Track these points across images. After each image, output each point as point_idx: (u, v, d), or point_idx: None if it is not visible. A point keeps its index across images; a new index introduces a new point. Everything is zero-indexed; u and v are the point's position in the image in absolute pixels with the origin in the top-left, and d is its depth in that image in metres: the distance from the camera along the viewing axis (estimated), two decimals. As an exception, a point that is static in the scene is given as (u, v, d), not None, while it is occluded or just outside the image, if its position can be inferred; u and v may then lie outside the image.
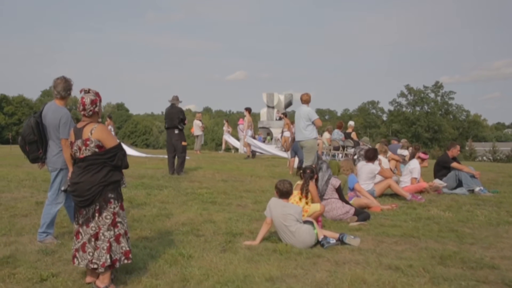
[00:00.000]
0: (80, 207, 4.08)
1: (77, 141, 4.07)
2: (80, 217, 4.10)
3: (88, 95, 4.13)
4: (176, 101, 11.07)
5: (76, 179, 4.05)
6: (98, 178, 4.00)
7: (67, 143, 5.16)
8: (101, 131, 4.05)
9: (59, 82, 5.41)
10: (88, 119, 4.15)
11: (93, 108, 4.14)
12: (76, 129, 4.15)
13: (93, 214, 4.04)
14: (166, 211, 7.10)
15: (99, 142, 4.01)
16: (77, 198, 4.06)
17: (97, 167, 4.03)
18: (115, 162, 4.08)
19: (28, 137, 5.41)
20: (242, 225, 6.35)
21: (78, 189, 4.01)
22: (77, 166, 4.13)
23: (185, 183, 9.83)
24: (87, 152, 4.01)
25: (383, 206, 7.75)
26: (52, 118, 5.33)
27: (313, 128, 9.25)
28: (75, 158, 4.18)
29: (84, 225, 4.05)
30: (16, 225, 6.15)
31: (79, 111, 4.17)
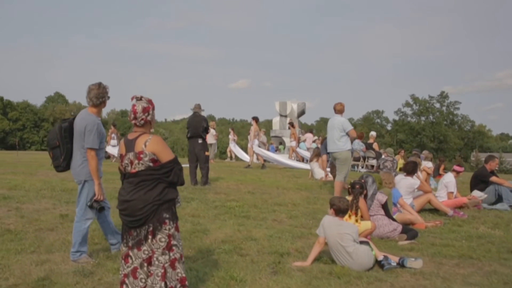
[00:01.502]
0: (130, 227, 3.65)
1: (128, 154, 3.64)
2: (130, 239, 3.65)
3: (140, 103, 3.71)
4: (198, 109, 10.67)
5: (127, 197, 3.62)
6: (152, 196, 3.57)
7: (92, 153, 4.80)
8: (157, 143, 3.61)
9: (92, 88, 5.00)
10: (140, 129, 3.72)
11: (145, 116, 3.70)
12: (127, 141, 3.72)
13: (145, 236, 3.61)
14: (201, 226, 6.67)
15: (154, 156, 3.58)
16: (127, 218, 3.63)
17: (151, 184, 3.59)
18: (171, 178, 3.63)
19: (51, 142, 5.08)
20: (286, 243, 5.92)
21: (129, 208, 3.59)
22: (127, 182, 3.69)
23: (211, 195, 9.41)
24: (140, 167, 3.59)
25: (427, 223, 7.32)
26: (79, 125, 4.95)
27: (347, 139, 8.83)
28: (125, 172, 3.75)
29: (134, 248, 3.62)
30: (44, 241, 5.73)
31: (130, 120, 3.73)
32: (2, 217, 6.98)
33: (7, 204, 7.91)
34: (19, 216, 7.06)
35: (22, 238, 5.84)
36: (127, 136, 3.76)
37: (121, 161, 3.71)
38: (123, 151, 3.70)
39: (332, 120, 9.00)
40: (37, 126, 74.61)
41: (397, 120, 75.34)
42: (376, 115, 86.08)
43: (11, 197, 8.51)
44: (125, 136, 3.82)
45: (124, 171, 3.72)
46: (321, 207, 8.48)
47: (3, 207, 7.70)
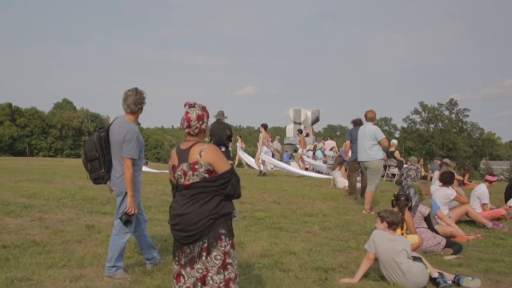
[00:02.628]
0: (183, 244, 3.40)
1: (181, 164, 3.40)
2: (183, 257, 3.41)
3: (194, 110, 3.50)
4: (222, 116, 10.41)
5: (180, 210, 3.39)
6: (207, 210, 3.33)
7: (128, 163, 4.52)
8: (213, 153, 3.39)
9: (129, 95, 4.71)
10: (194, 139, 3.50)
11: (200, 125, 3.49)
12: (180, 151, 3.49)
13: (199, 253, 3.35)
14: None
15: (209, 166, 3.34)
16: (180, 233, 3.39)
17: (206, 196, 3.35)
18: (227, 190, 3.39)
19: (89, 154, 4.74)
20: (327, 257, 5.62)
21: (183, 222, 3.36)
22: (180, 195, 3.44)
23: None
24: (195, 178, 3.35)
25: (468, 236, 6.99)
26: (118, 133, 4.65)
27: (379, 148, 8.53)
28: (177, 184, 3.49)
29: (187, 266, 3.37)
30: (74, 254, 5.45)
31: (183, 129, 3.53)
32: (26, 228, 6.72)
33: (29, 214, 7.64)
34: (43, 226, 6.79)
35: (50, 251, 5.57)
36: (180, 145, 3.54)
37: (173, 172, 3.47)
38: (175, 161, 3.47)
39: (363, 128, 8.71)
40: (45, 133, 74.58)
41: (405, 128, 74.80)
42: (384, 122, 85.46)
43: (31, 206, 8.25)
44: (177, 146, 3.59)
45: (177, 183, 3.48)
46: (352, 217, 8.17)
47: (25, 217, 7.44)
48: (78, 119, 76.90)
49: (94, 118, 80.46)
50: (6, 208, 7.94)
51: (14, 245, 5.70)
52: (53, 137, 74.48)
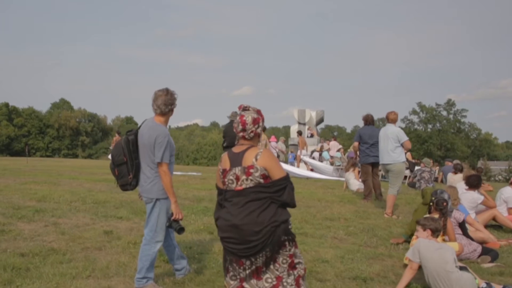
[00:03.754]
0: (241, 256, 3.18)
1: (234, 169, 3.22)
2: (241, 270, 3.22)
3: (249, 113, 3.35)
4: (235, 117, 10.07)
5: (236, 221, 3.14)
6: (267, 218, 3.11)
7: (164, 168, 4.24)
8: (269, 158, 3.21)
9: (160, 95, 4.43)
10: (248, 142, 3.34)
11: (255, 129, 3.33)
12: (233, 154, 3.32)
13: (265, 263, 3.19)
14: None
15: (265, 171, 3.16)
16: (238, 246, 3.16)
17: (263, 204, 3.14)
18: (284, 197, 3.18)
19: (117, 158, 4.45)
20: (362, 265, 5.38)
21: (241, 234, 3.12)
22: (232, 204, 3.21)
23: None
24: (249, 183, 3.16)
25: (501, 241, 6.76)
26: (148, 136, 4.35)
27: (401, 151, 8.29)
28: (227, 190, 3.27)
29: (251, 279, 3.20)
30: (97, 263, 5.17)
31: (237, 132, 3.37)
32: (41, 234, 6.45)
33: (42, 218, 7.37)
34: (59, 232, 6.52)
35: (72, 259, 5.29)
36: (232, 149, 3.38)
37: (223, 176, 3.29)
38: (226, 165, 3.29)
39: (385, 130, 8.46)
40: (42, 133, 74.16)
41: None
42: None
43: (43, 210, 7.97)
44: (229, 149, 3.38)
45: (226, 188, 3.28)
46: (375, 222, 7.93)
47: (39, 222, 7.17)
48: (76, 119, 76.46)
49: (91, 118, 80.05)
50: (18, 213, 7.67)
51: (33, 253, 5.43)
52: (51, 137, 74.07)
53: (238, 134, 3.34)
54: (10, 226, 6.75)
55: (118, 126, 78.05)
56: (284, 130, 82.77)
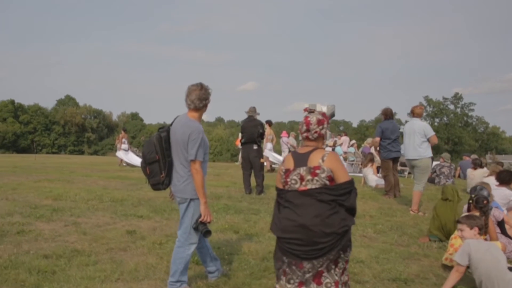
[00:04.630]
0: (304, 258, 3.07)
1: (299, 168, 3.17)
2: (300, 273, 3.09)
3: (314, 114, 3.35)
4: (254, 113, 9.90)
5: (304, 221, 3.06)
6: (337, 221, 3.06)
7: (196, 166, 4.03)
8: (335, 160, 3.17)
9: (193, 89, 4.22)
10: (313, 144, 3.32)
11: (319, 129, 3.31)
12: (297, 155, 3.28)
13: (328, 267, 3.09)
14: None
15: (331, 173, 3.11)
16: (303, 248, 3.06)
17: (333, 207, 3.08)
18: (350, 202, 3.13)
19: (149, 156, 4.23)
20: (399, 266, 5.17)
21: (309, 235, 3.03)
22: (295, 204, 3.13)
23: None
24: (314, 184, 3.10)
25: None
26: (181, 133, 4.13)
27: (428, 146, 8.05)
28: (288, 190, 3.20)
29: (310, 283, 3.07)
30: (124, 265, 4.97)
31: (301, 133, 3.35)
32: (62, 234, 6.27)
33: (61, 218, 7.19)
34: (80, 232, 6.33)
35: (97, 261, 5.10)
36: (297, 150, 3.38)
37: (286, 176, 3.22)
38: (290, 165, 3.24)
39: (411, 125, 8.22)
40: (48, 129, 74.16)
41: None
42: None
43: (61, 209, 7.80)
44: (294, 150, 3.29)
45: (288, 188, 3.21)
46: (402, 219, 7.70)
47: (58, 221, 6.99)
48: (81, 116, 76.39)
49: (97, 114, 79.99)
50: (35, 212, 7.50)
51: (56, 255, 5.25)
52: (56, 134, 74.08)
53: (302, 134, 3.32)
54: (30, 226, 6.58)
55: (124, 123, 78.02)
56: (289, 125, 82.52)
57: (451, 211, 6.33)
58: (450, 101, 71.68)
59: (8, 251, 5.38)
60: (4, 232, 6.24)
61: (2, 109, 70.52)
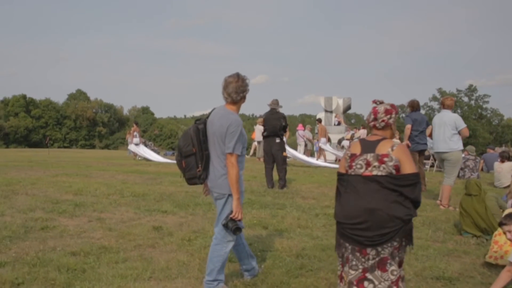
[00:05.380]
0: (366, 245, 3.05)
1: (366, 154, 3.18)
2: (364, 259, 3.07)
3: (382, 105, 3.34)
4: (276, 105, 9.67)
5: (372, 205, 3.03)
6: (401, 208, 3.04)
7: (232, 160, 3.83)
8: (403, 151, 3.15)
9: (230, 81, 4.01)
10: (381, 133, 3.30)
11: (387, 118, 3.28)
12: (365, 141, 3.28)
13: (392, 254, 3.06)
14: (324, 240, 5.71)
15: (398, 163, 3.09)
16: (368, 233, 3.03)
17: (395, 194, 3.05)
18: (415, 194, 3.09)
19: (185, 149, 4.03)
20: (440, 263, 4.97)
21: (378, 219, 3.01)
22: (359, 189, 3.11)
23: (298, 199, 8.45)
24: (381, 171, 3.09)
25: None
26: (219, 125, 3.94)
27: (459, 138, 7.78)
28: (350, 175, 3.20)
29: (375, 270, 3.05)
30: (155, 263, 4.80)
31: (368, 123, 3.37)
32: (87, 230, 6.12)
33: (83, 213, 7.05)
34: (106, 228, 6.18)
35: (126, 259, 4.93)
36: (365, 137, 3.36)
37: (351, 161, 3.22)
38: (357, 151, 3.24)
39: (441, 117, 7.95)
40: (60, 124, 74.52)
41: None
42: (401, 110, 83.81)
43: (83, 204, 7.66)
44: (361, 138, 3.41)
45: (352, 172, 3.20)
46: (432, 214, 7.48)
47: (81, 217, 6.85)
48: (92, 110, 76.60)
49: (107, 109, 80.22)
50: (58, 207, 7.37)
51: (84, 252, 5.09)
52: (68, 128, 74.41)
53: (369, 124, 3.33)
54: (53, 222, 6.44)
55: (135, 116, 78.16)
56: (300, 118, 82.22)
57: (479, 206, 6.11)
58: (464, 93, 70.78)
59: (34, 248, 5.24)
60: (28, 228, 6.10)
61: (14, 104, 70.94)
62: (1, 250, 5.16)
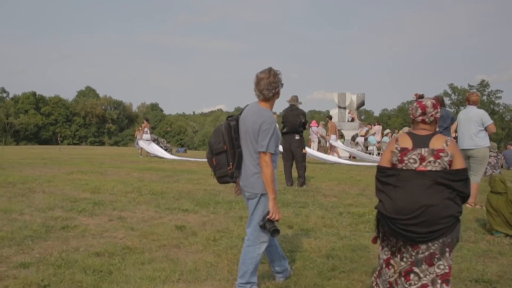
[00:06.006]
0: (418, 242, 3.08)
1: (419, 149, 3.16)
2: (414, 253, 3.13)
3: (427, 99, 3.34)
4: (295, 102, 9.51)
5: (427, 201, 3.02)
6: (453, 204, 3.06)
7: (266, 159, 3.67)
8: (455, 146, 3.18)
9: (262, 78, 3.82)
10: (429, 127, 3.29)
11: (435, 113, 3.29)
12: (415, 136, 3.25)
13: (442, 250, 3.10)
14: (352, 241, 5.54)
15: (452, 159, 3.12)
16: (421, 229, 3.03)
17: (448, 190, 3.07)
18: (467, 190, 3.13)
19: (216, 146, 3.87)
20: (476, 265, 4.77)
21: (432, 215, 3.01)
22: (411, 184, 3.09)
23: (319, 197, 8.28)
24: (435, 166, 3.10)
25: None
26: (252, 123, 3.76)
27: (485, 135, 7.58)
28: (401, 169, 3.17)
29: (422, 264, 3.11)
30: (182, 265, 4.65)
31: (414, 117, 3.32)
32: (109, 229, 6.00)
33: (103, 212, 6.94)
34: (127, 228, 6.06)
35: (152, 260, 4.80)
36: (412, 131, 3.33)
37: (402, 155, 3.18)
38: (408, 144, 3.21)
39: (467, 112, 7.75)
40: (69, 121, 74.80)
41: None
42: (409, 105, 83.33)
43: (102, 202, 7.56)
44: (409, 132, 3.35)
45: (404, 166, 3.17)
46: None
47: (101, 216, 6.74)
48: (101, 107, 76.82)
49: (117, 105, 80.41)
50: (76, 206, 7.27)
51: (108, 252, 4.97)
52: (77, 125, 74.69)
53: (417, 118, 3.28)
54: (73, 221, 6.34)
55: (144, 113, 78.27)
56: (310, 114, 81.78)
57: (510, 204, 5.92)
58: (476, 88, 70.17)
59: (57, 248, 5.13)
60: (49, 227, 6.00)
61: (24, 101, 71.29)
62: (24, 250, 5.06)
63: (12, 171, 11.93)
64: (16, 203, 7.48)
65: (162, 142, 21.25)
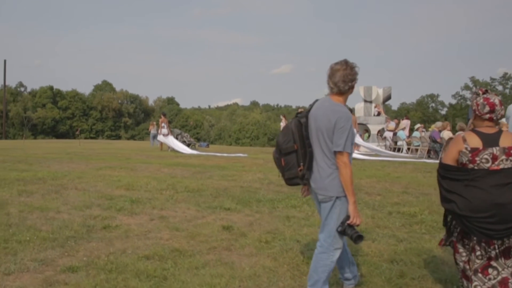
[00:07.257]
0: (495, 238, 3.12)
1: (491, 148, 3.15)
2: (491, 249, 3.18)
3: (492, 96, 3.28)
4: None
5: (502, 200, 3.03)
6: None
7: (344, 159, 3.34)
8: None
9: (337, 69, 3.48)
10: (493, 125, 3.27)
11: (501, 110, 3.26)
12: (484, 134, 3.20)
13: None
14: (413, 244, 5.21)
15: None
16: (498, 226, 3.04)
17: None
18: None
19: (285, 146, 3.55)
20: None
21: (505, 213, 3.03)
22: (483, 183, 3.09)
23: (363, 195, 7.92)
24: (507, 164, 3.13)
25: None
26: (325, 119, 3.43)
27: (534, 130, 7.17)
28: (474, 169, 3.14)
29: (501, 257, 3.19)
30: (240, 270, 4.37)
31: (481, 114, 3.24)
32: (152, 230, 5.74)
33: (143, 211, 6.69)
34: (172, 228, 5.80)
35: (206, 264, 4.52)
36: (479, 129, 3.26)
37: (473, 155, 3.16)
38: (477, 144, 3.18)
39: None
40: (86, 115, 75.18)
41: (454, 104, 71.85)
42: (430, 99, 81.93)
43: (139, 200, 7.32)
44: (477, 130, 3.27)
45: (476, 167, 3.16)
46: None
47: (142, 215, 6.49)
48: (118, 101, 77.04)
49: (133, 99, 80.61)
50: (114, 204, 7.03)
51: (158, 256, 4.72)
52: (94, 119, 75.03)
53: (484, 115, 3.23)
54: (114, 221, 6.11)
55: (160, 107, 78.36)
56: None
57: None
58: (498, 81, 68.95)
59: (103, 251, 4.88)
60: (90, 227, 5.77)
61: (41, 95, 71.79)
62: (69, 252, 4.83)
63: (40, 166, 11.77)
64: (51, 200, 7.27)
65: (185, 136, 21.01)
